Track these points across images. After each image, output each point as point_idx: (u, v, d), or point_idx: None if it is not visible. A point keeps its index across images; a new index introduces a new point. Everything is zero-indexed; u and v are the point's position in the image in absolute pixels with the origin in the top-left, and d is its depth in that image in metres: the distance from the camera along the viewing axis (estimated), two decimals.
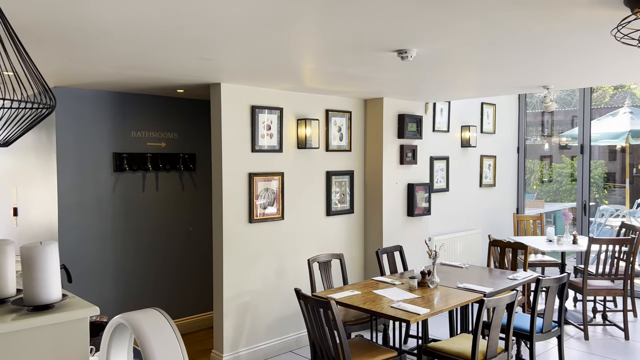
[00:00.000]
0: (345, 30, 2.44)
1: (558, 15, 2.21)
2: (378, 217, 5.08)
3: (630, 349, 4.56)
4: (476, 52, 2.96)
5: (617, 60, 3.22)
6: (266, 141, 4.31)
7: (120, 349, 1.49)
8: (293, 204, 4.56)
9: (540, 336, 3.66)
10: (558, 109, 12.28)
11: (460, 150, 6.23)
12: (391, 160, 5.12)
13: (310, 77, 3.79)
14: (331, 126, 4.83)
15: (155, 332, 1.26)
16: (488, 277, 4.24)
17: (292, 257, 4.58)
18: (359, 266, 5.19)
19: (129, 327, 1.32)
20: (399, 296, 3.59)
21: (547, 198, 10.46)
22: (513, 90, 4.83)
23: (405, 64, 3.26)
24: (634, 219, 7.59)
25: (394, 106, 5.11)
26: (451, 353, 3.28)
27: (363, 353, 3.24)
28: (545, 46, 2.81)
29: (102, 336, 1.47)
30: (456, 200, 6.18)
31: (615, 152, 11.95)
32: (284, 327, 4.55)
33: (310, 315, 3.18)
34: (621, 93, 14.02)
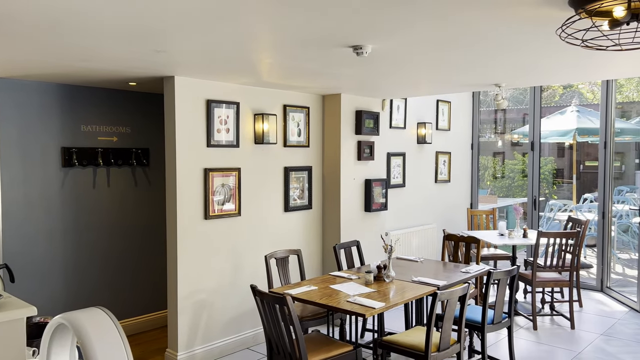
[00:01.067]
0: (299, 24, 2.43)
1: (506, 14, 2.27)
2: (336, 212, 5.11)
3: (575, 338, 4.77)
4: (429, 50, 3.01)
5: (564, 60, 3.33)
6: (222, 136, 4.25)
7: (62, 350, 1.43)
8: (250, 199, 4.52)
9: (492, 327, 3.77)
10: (511, 107, 12.68)
11: (417, 147, 6.34)
12: (349, 156, 5.15)
13: (267, 71, 3.76)
14: (289, 122, 4.81)
15: (97, 332, 1.22)
16: (442, 270, 4.33)
17: (249, 253, 4.54)
18: (317, 261, 5.21)
19: (70, 328, 1.27)
20: (356, 290, 3.62)
21: (500, 193, 10.80)
22: (466, 88, 4.94)
23: (361, 60, 3.27)
24: (580, 213, 7.93)
25: (352, 102, 5.14)
26: (405, 345, 3.33)
27: (319, 348, 3.25)
28: (494, 45, 2.88)
29: (42, 337, 1.41)
30: (412, 195, 6.28)
31: (563, 149, 12.45)
32: (241, 324, 4.51)
33: (266, 311, 3.16)
34: (570, 92, 14.61)
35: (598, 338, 4.74)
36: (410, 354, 3.31)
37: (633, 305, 5.55)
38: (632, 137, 7.96)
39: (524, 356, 4.34)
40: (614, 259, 7.51)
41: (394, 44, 2.85)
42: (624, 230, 8.39)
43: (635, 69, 3.81)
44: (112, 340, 1.24)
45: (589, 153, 12.06)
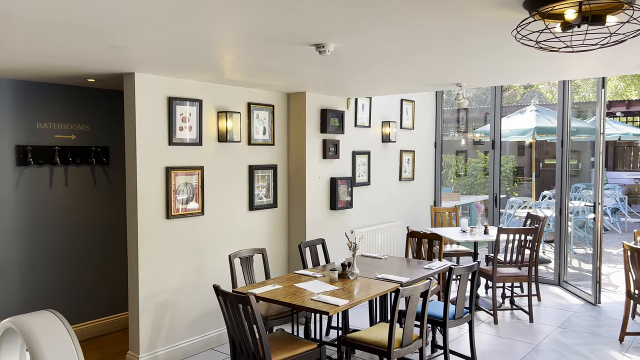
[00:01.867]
0: (261, 21, 2.41)
1: (464, 15, 2.31)
2: (301, 211, 5.10)
3: (534, 331, 4.91)
4: (391, 49, 3.04)
5: (522, 61, 3.42)
6: (185, 134, 4.18)
7: (11, 355, 1.38)
8: (214, 198, 4.46)
9: (453, 322, 3.84)
10: (473, 107, 12.96)
11: (381, 145, 6.40)
12: (314, 154, 5.15)
13: (230, 69, 3.72)
14: (253, 120, 4.77)
15: (47, 336, 1.18)
16: (406, 267, 4.39)
17: (213, 253, 4.49)
18: (282, 260, 5.19)
19: (18, 332, 1.23)
20: (320, 288, 3.63)
21: (463, 191, 11.03)
22: (429, 87, 5.01)
23: (324, 59, 3.28)
24: (539, 210, 8.17)
25: (317, 101, 5.14)
26: (369, 342, 3.36)
27: (283, 347, 3.24)
28: (454, 45, 2.94)
29: None
30: (377, 193, 6.34)
31: (524, 148, 12.81)
32: (204, 325, 4.45)
33: (230, 311, 3.13)
34: (530, 92, 15.04)
35: (555, 330, 4.90)
36: (373, 350, 3.34)
37: (588, 299, 5.75)
38: (587, 136, 8.25)
39: (485, 350, 4.44)
40: (571, 254, 7.77)
41: (357, 43, 2.86)
42: (580, 226, 8.70)
43: (589, 70, 3.95)
44: (63, 345, 1.20)
45: (547, 151, 12.45)
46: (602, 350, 4.41)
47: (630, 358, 4.24)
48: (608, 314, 5.36)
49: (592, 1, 1.95)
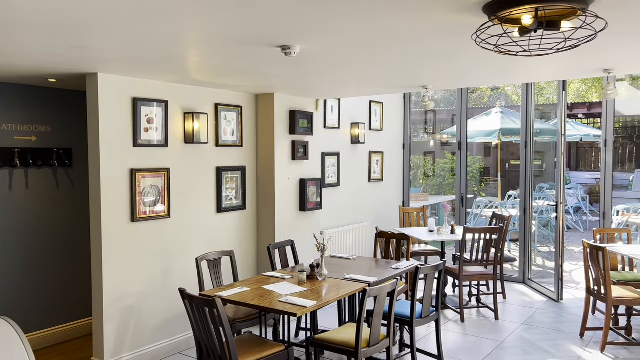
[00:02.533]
0: (227, 22, 2.39)
1: (426, 19, 2.35)
2: (270, 212, 5.09)
3: (499, 328, 5.02)
4: (357, 52, 3.06)
5: (485, 63, 3.50)
6: (150, 135, 4.12)
7: None
8: (181, 201, 4.41)
9: (420, 321, 3.89)
10: (441, 108, 13.17)
11: (350, 147, 6.43)
12: (283, 156, 5.14)
13: (196, 69, 3.68)
14: (221, 121, 4.73)
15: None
16: (374, 267, 4.43)
17: (180, 256, 4.43)
18: (251, 262, 5.16)
19: None
20: (288, 290, 3.62)
21: (432, 191, 11.19)
22: (396, 90, 5.07)
23: (290, 60, 3.28)
24: (505, 210, 8.35)
25: (285, 102, 5.14)
26: (337, 343, 3.37)
27: (251, 349, 3.22)
28: (418, 48, 2.98)
29: None
30: (347, 194, 6.38)
31: (490, 149, 13.09)
32: (171, 329, 4.39)
33: (196, 314, 3.10)
34: (497, 94, 15.35)
35: (519, 327, 5.01)
36: (341, 350, 3.36)
37: (551, 295, 5.91)
38: (550, 137, 8.48)
39: (452, 348, 4.52)
40: (535, 253, 7.97)
41: (322, 45, 2.88)
42: (544, 225, 8.93)
43: (551, 73, 4.07)
44: (14, 353, 1.16)
45: (513, 152, 12.75)
46: (563, 346, 4.53)
47: (590, 353, 4.37)
48: (570, 310, 5.52)
49: (547, 7, 2.01)
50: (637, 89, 10.45)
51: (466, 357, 4.31)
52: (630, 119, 15.34)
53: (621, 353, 4.35)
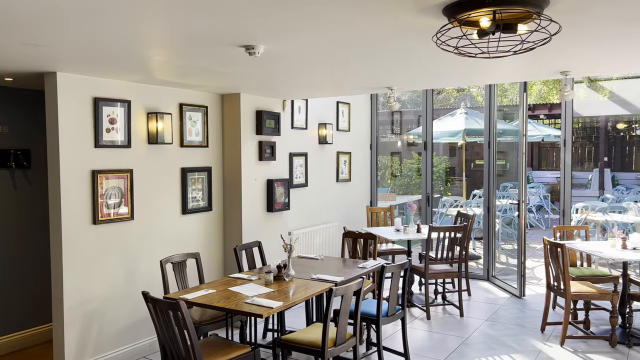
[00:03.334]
0: (188, 21, 2.37)
1: (387, 20, 2.37)
2: (237, 213, 5.05)
3: (464, 325, 5.11)
4: (321, 51, 3.07)
5: (449, 65, 3.56)
6: (112, 136, 4.03)
7: None
8: (145, 202, 4.33)
9: (386, 319, 3.93)
10: (408, 109, 13.34)
11: (318, 147, 6.45)
12: (250, 156, 5.11)
13: (158, 69, 3.62)
14: (186, 121, 4.67)
15: None
16: (341, 267, 4.45)
17: (144, 258, 4.35)
18: (218, 264, 5.11)
19: None
20: (255, 291, 3.61)
21: (400, 191, 11.32)
22: (362, 91, 5.11)
23: (255, 60, 3.26)
24: (470, 209, 8.52)
25: (252, 102, 5.11)
26: (303, 343, 3.37)
27: (216, 352, 3.19)
28: (381, 49, 3.01)
29: None
30: (315, 194, 6.39)
31: (455, 149, 13.34)
32: (136, 333, 4.31)
33: (160, 318, 3.05)
34: (462, 95, 15.65)
35: (484, 324, 5.12)
36: (308, 350, 3.36)
37: (514, 292, 6.06)
38: (513, 138, 8.69)
39: (418, 345, 4.58)
40: (499, 250, 8.17)
41: (287, 45, 2.87)
42: (507, 223, 9.16)
43: (512, 74, 4.17)
44: None
45: (477, 152, 13.03)
46: (525, 340, 4.66)
47: (550, 347, 4.51)
48: (531, 305, 5.67)
49: (504, 10, 2.06)
50: (594, 91, 10.83)
51: (432, 354, 4.38)
52: (588, 120, 15.89)
53: (580, 346, 4.49)
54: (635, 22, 2.42)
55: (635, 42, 2.85)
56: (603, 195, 10.76)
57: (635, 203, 7.93)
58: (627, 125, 15.11)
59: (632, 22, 2.43)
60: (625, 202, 8.54)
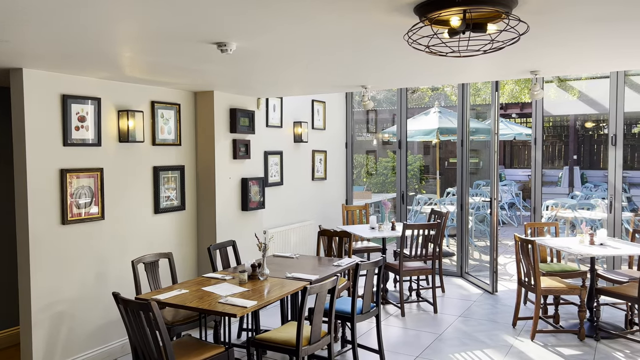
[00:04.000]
0: (159, 17, 2.32)
1: (360, 19, 2.38)
2: (211, 212, 5.00)
3: (438, 321, 5.17)
4: (294, 50, 3.06)
5: (422, 64, 3.58)
6: (81, 134, 3.94)
7: None
8: (116, 202, 4.25)
9: (361, 317, 3.94)
10: (384, 108, 13.42)
11: (294, 145, 6.43)
12: (224, 154, 5.07)
13: (129, 65, 3.55)
14: (158, 119, 4.60)
15: None
16: (316, 265, 4.45)
17: (116, 259, 4.27)
18: (191, 264, 5.06)
19: None
20: (229, 291, 3.58)
21: (375, 189, 11.39)
22: (337, 89, 5.11)
23: (228, 58, 3.23)
24: (444, 206, 8.62)
25: (226, 100, 5.06)
26: (277, 342, 3.36)
27: (189, 352, 3.15)
28: (354, 48, 3.01)
29: None
30: (290, 193, 6.37)
31: (429, 148, 13.49)
32: (107, 335, 4.23)
33: (131, 319, 3.00)
34: (437, 94, 15.83)
35: (457, 320, 5.19)
36: (283, 349, 3.35)
37: (486, 288, 6.16)
38: (485, 136, 8.83)
39: (393, 342, 4.61)
40: (472, 247, 8.29)
41: (260, 42, 2.85)
42: (480, 220, 9.30)
43: (484, 74, 4.23)
44: None
45: (451, 151, 13.19)
46: (497, 335, 4.74)
47: (521, 341, 4.59)
48: (503, 301, 5.77)
49: (474, 10, 2.09)
50: (564, 91, 11.07)
51: (406, 350, 4.42)
52: (559, 119, 16.26)
53: (549, 340, 4.59)
54: (600, 23, 2.48)
55: (601, 43, 2.92)
56: (572, 193, 11.02)
57: (603, 200, 8.15)
58: (595, 124, 15.52)
59: (598, 24, 2.49)
60: (593, 199, 8.77)
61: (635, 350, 4.33)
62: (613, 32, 2.66)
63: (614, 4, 2.19)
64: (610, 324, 4.94)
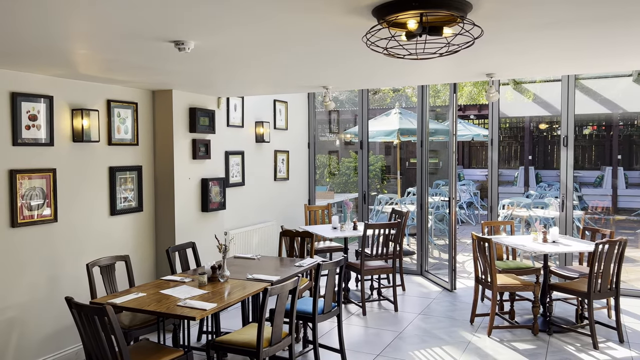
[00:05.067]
0: (112, 14, 2.26)
1: (318, 20, 2.38)
2: (170, 213, 4.91)
3: (399, 319, 5.25)
4: (254, 49, 3.04)
5: (381, 65, 3.62)
6: (32, 133, 3.79)
7: None
8: (70, 203, 4.11)
9: (322, 317, 3.96)
10: (347, 109, 13.52)
11: (255, 145, 6.39)
12: (183, 154, 4.98)
13: (83, 63, 3.44)
14: (114, 118, 4.48)
15: None
16: (278, 266, 4.43)
17: (69, 262, 4.13)
18: (150, 267, 4.95)
19: None
20: (188, 293, 3.52)
21: (338, 189, 11.45)
22: (298, 89, 5.11)
23: (186, 56, 3.18)
24: (404, 206, 8.75)
25: (185, 99, 4.98)
26: (238, 344, 3.33)
27: (146, 357, 3.09)
28: (314, 49, 3.02)
29: None
30: (252, 194, 6.32)
31: (391, 148, 13.68)
32: (61, 341, 4.09)
33: (85, 324, 2.91)
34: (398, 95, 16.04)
35: (417, 317, 5.28)
36: (243, 351, 3.32)
37: (445, 286, 6.29)
38: (445, 137, 9.01)
39: (354, 341, 4.65)
40: (432, 246, 8.45)
41: (220, 41, 2.82)
42: (440, 220, 9.49)
43: (440, 76, 4.32)
44: None
45: (412, 151, 13.42)
46: (456, 332, 4.84)
47: (479, 337, 4.71)
48: (462, 298, 5.91)
49: (430, 13, 2.13)
50: (520, 93, 11.43)
51: (367, 349, 4.46)
52: (515, 120, 16.77)
53: (505, 336, 4.73)
54: (550, 29, 2.57)
55: (551, 47, 3.02)
56: (528, 192, 11.39)
57: (556, 199, 8.46)
58: (548, 126, 16.09)
59: (548, 29, 2.58)
60: (547, 198, 9.09)
61: (585, 343, 4.52)
62: (562, 37, 2.76)
63: (562, 11, 2.27)
64: (562, 318, 5.13)
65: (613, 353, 4.31)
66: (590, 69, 4.07)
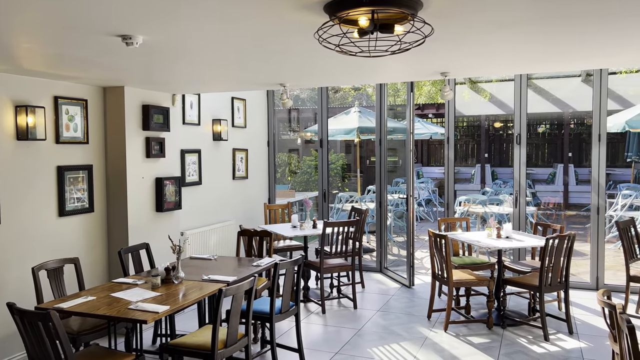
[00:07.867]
0: (54, 5, 2.15)
1: (269, 15, 2.34)
2: (122, 214, 4.76)
3: (358, 316, 5.27)
4: (206, 45, 2.97)
5: (336, 63, 3.61)
6: None
7: None
8: (14, 205, 3.92)
9: (280, 316, 3.92)
10: (308, 107, 13.50)
11: (213, 144, 6.28)
12: (136, 153, 4.84)
13: (26, 57, 3.28)
14: (62, 115, 4.30)
15: None
16: (236, 266, 4.37)
17: (14, 266, 3.94)
18: (101, 269, 4.78)
19: None
20: (140, 296, 3.42)
21: (299, 188, 11.43)
22: (255, 87, 5.05)
23: (135, 51, 3.08)
24: (364, 204, 8.81)
25: (138, 96, 4.83)
26: (192, 346, 3.26)
27: None
28: (266, 45, 2.97)
29: None
30: (209, 193, 6.21)
31: (351, 146, 13.76)
32: (4, 349, 3.90)
33: (29, 331, 2.78)
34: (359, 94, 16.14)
35: (376, 314, 5.31)
36: (198, 354, 3.25)
37: (404, 282, 6.36)
38: (403, 135, 9.12)
39: (313, 339, 4.63)
40: (391, 243, 8.53)
41: (168, 37, 2.74)
42: (399, 217, 9.60)
43: (396, 74, 4.35)
44: None
45: (372, 149, 13.54)
46: (413, 328, 4.90)
47: (435, 332, 4.78)
48: (420, 294, 5.99)
49: (381, 10, 2.12)
50: (476, 92, 11.69)
51: (326, 347, 4.45)
52: (472, 119, 17.16)
53: (461, 330, 4.82)
54: (501, 28, 2.62)
55: (502, 46, 3.08)
56: (484, 189, 11.67)
57: (510, 195, 8.69)
58: (503, 124, 16.55)
59: (498, 28, 2.63)
60: (502, 195, 9.33)
61: (537, 335, 4.65)
62: (513, 36, 2.82)
63: (513, 10, 2.31)
64: (516, 312, 5.28)
65: (563, 344, 4.46)
66: (541, 68, 4.19)
